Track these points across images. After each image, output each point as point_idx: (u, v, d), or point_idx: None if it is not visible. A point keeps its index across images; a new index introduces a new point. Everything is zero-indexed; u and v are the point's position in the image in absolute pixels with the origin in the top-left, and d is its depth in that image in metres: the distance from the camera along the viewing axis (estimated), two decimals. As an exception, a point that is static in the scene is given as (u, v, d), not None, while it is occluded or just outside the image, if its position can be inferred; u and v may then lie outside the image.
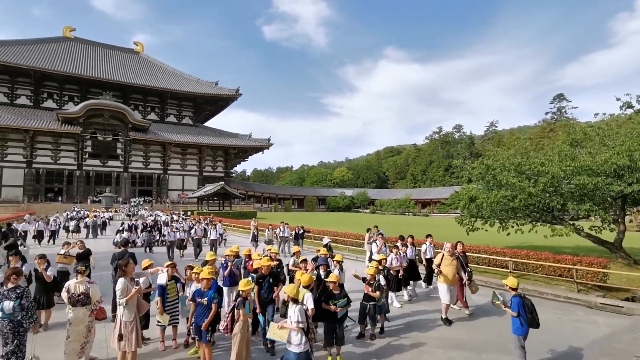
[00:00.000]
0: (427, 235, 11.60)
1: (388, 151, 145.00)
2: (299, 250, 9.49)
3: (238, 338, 5.27)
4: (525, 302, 5.57)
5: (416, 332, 7.48)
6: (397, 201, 79.11)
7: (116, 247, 16.29)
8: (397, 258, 9.43)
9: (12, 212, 41.39)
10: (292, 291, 5.03)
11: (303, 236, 19.25)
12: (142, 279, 6.61)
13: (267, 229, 19.63)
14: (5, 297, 5.08)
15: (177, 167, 65.67)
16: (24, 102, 58.08)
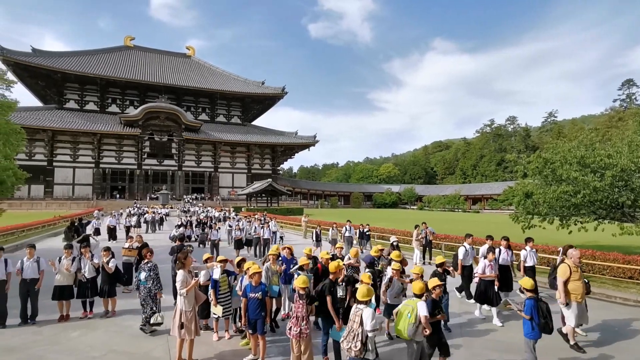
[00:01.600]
0: (527, 239, 9.53)
1: (436, 146, 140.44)
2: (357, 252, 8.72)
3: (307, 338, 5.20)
4: (539, 305, 5.27)
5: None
6: (446, 197, 76.52)
7: (173, 241, 17.28)
8: (490, 265, 7.97)
9: (83, 208, 45.43)
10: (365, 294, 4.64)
11: (368, 236, 17.95)
12: (203, 272, 6.97)
13: (332, 228, 17.94)
14: (142, 269, 7.10)
15: (227, 165, 68.22)
16: (91, 108, 63.23)
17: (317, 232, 17.28)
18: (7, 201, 28.91)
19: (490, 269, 7.95)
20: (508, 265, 8.86)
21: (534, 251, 9.47)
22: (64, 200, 51.88)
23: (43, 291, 7.89)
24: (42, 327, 7.33)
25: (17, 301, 7.50)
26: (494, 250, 8.33)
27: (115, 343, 6.53)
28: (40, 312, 7.74)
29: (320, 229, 17.79)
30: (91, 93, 63.34)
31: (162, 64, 72.47)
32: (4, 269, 7.45)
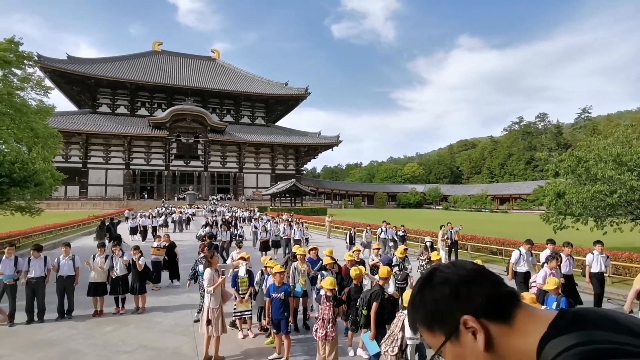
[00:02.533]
0: (596, 242, 8.65)
1: (462, 145, 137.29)
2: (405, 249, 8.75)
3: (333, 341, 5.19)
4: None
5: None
6: (472, 197, 74.71)
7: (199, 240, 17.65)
8: (552, 274, 7.07)
9: (115, 208, 47.17)
10: None
11: (405, 238, 16.89)
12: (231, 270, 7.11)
13: (365, 230, 16.90)
14: (199, 262, 7.80)
15: (252, 166, 69.15)
16: (122, 112, 65.56)
17: (351, 234, 16.47)
18: (45, 201, 30.42)
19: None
20: (571, 275, 8.05)
21: (604, 256, 8.47)
22: (97, 201, 54.08)
23: (78, 287, 8.26)
24: (77, 322, 7.68)
25: (54, 297, 7.89)
26: (558, 258, 7.39)
27: (146, 338, 6.75)
28: (76, 308, 8.11)
29: (354, 230, 16.93)
30: (122, 97, 65.67)
31: (188, 68, 74.25)
32: (43, 266, 7.86)
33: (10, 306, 7.50)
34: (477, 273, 0.78)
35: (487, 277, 0.78)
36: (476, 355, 0.72)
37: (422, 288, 0.80)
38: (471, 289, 0.75)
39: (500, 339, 0.71)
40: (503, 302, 0.74)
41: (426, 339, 0.79)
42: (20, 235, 17.05)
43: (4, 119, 12.71)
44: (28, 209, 14.74)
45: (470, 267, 0.80)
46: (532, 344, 0.68)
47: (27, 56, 14.34)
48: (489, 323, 0.72)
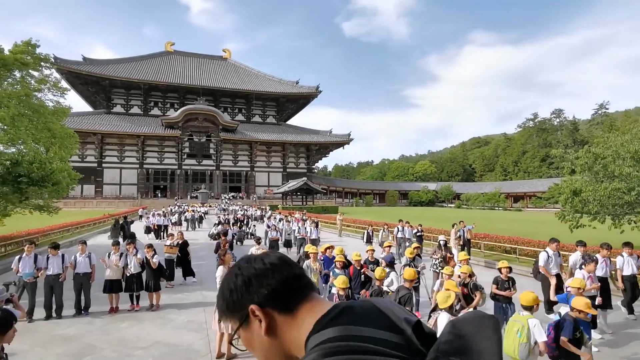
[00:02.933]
0: (625, 243, 8.23)
1: (474, 142, 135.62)
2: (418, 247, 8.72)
3: None
4: None
5: None
6: (485, 195, 73.74)
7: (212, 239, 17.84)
8: (590, 277, 6.63)
9: (129, 207, 47.96)
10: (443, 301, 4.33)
11: (422, 238, 16.42)
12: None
13: (382, 229, 16.45)
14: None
15: (263, 165, 69.48)
16: (136, 112, 66.51)
17: (369, 232, 16.20)
18: (62, 200, 31.09)
19: (590, 283, 6.59)
20: (606, 278, 7.67)
21: (635, 257, 8.09)
22: (112, 199, 55.05)
23: (94, 284, 8.44)
24: (94, 318, 7.85)
25: (72, 294, 8.07)
26: (594, 260, 7.00)
27: (160, 335, 6.87)
28: (93, 304, 8.29)
29: (371, 229, 16.62)
30: (135, 97, 66.60)
31: (200, 67, 74.88)
32: (61, 263, 8.05)
33: (29, 303, 7.70)
34: (272, 266, 0.85)
35: (281, 271, 0.85)
36: (260, 340, 0.80)
37: (224, 280, 0.88)
38: (260, 280, 0.83)
39: (282, 328, 0.79)
40: (287, 295, 0.82)
41: (230, 325, 0.86)
42: (38, 234, 17.48)
43: (23, 120, 13.00)
44: (46, 208, 15.08)
45: (270, 260, 0.87)
46: (303, 336, 0.74)
47: (44, 58, 14.64)
48: (275, 312, 0.80)
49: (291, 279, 0.85)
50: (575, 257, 7.81)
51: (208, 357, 5.94)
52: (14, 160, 12.85)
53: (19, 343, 6.30)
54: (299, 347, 0.76)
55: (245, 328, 0.83)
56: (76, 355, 5.99)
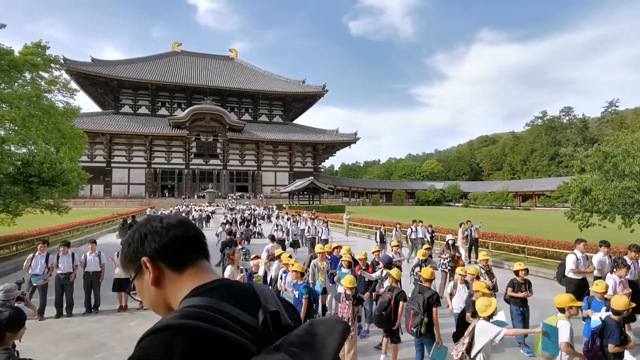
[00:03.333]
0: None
1: (482, 141, 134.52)
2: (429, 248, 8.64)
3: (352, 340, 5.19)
4: None
5: None
6: (493, 194, 73.16)
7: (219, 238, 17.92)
8: (622, 282, 6.28)
9: (137, 207, 48.39)
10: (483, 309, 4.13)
11: (432, 239, 16.07)
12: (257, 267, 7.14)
13: (395, 229, 15.75)
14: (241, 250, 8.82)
15: (270, 164, 69.65)
16: (144, 112, 67.06)
17: (381, 232, 15.44)
18: (72, 200, 31.48)
19: (622, 289, 6.19)
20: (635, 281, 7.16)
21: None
22: (120, 199, 55.59)
23: (104, 283, 8.54)
24: (104, 316, 7.95)
25: (82, 292, 8.18)
26: (625, 264, 6.47)
27: (168, 333, 6.92)
28: (102, 303, 8.39)
29: (384, 229, 15.88)
30: (143, 98, 67.15)
31: (207, 67, 75.25)
32: (71, 262, 8.15)
33: (40, 301, 7.82)
34: (168, 226, 0.94)
35: (175, 230, 0.94)
36: (148, 289, 0.92)
37: (127, 235, 0.98)
38: (154, 236, 0.92)
39: (167, 282, 0.91)
40: (176, 253, 0.92)
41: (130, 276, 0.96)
42: (49, 233, 17.71)
43: (33, 120, 13.19)
44: (56, 207, 15.27)
45: (169, 220, 0.97)
46: (182, 296, 0.86)
47: (54, 60, 14.82)
48: (164, 266, 0.91)
49: (182, 240, 0.95)
50: (599, 258, 7.38)
51: (216, 355, 5.98)
52: (25, 160, 13.04)
53: (30, 341, 6.41)
54: (176, 304, 0.87)
55: (138, 278, 0.94)
56: (86, 353, 6.07)
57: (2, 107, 12.55)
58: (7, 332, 2.38)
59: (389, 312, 5.31)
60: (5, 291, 4.58)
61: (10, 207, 13.17)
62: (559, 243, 13.27)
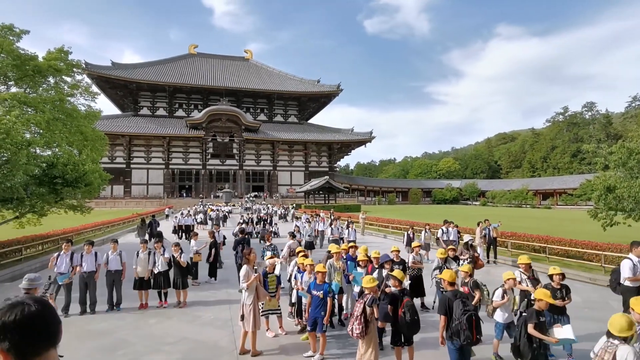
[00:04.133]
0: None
1: (500, 138, 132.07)
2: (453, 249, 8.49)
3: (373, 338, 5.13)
4: None
5: None
6: (512, 192, 71.67)
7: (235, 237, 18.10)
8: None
9: (156, 206, 49.34)
10: (625, 328, 3.32)
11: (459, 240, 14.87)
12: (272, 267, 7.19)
13: (424, 230, 14.82)
14: (267, 249, 9.20)
15: (285, 164, 69.99)
16: (161, 113, 68.32)
17: (410, 235, 14.12)
18: (94, 200, 32.33)
19: None
20: None
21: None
22: (140, 199, 56.80)
23: (125, 281, 8.76)
24: (125, 314, 8.15)
25: (104, 290, 8.41)
26: None
27: (187, 331, 7.06)
28: (124, 300, 8.61)
29: (412, 231, 14.63)
30: (161, 99, 68.41)
31: (222, 68, 76.09)
32: (94, 261, 8.39)
33: (65, 298, 8.08)
34: (19, 324, 1.14)
35: (24, 330, 1.13)
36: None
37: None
38: (5, 333, 1.12)
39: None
40: (24, 350, 1.12)
41: None
42: (73, 232, 18.26)
43: (57, 124, 13.60)
44: (79, 208, 15.71)
45: (24, 314, 1.16)
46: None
47: (76, 64, 15.25)
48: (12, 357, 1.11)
49: (31, 338, 1.12)
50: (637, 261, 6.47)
51: (234, 353, 6.07)
52: (50, 162, 13.48)
53: (56, 337, 6.62)
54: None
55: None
56: (109, 349, 6.24)
57: (27, 111, 12.97)
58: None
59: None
60: (29, 280, 4.79)
61: (36, 208, 13.63)
62: (581, 242, 12.93)
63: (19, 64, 13.35)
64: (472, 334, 4.54)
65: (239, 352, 6.03)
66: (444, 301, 4.90)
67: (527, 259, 6.62)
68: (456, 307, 4.69)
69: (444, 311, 4.82)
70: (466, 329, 4.53)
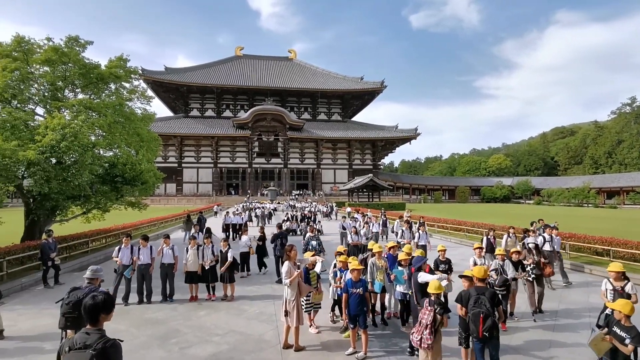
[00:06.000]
0: None
1: (557, 132, 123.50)
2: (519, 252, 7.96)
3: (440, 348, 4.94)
4: None
5: None
6: (571, 190, 66.80)
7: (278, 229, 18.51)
8: None
9: (205, 204, 51.62)
10: None
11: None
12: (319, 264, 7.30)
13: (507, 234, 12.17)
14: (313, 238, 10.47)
15: (329, 162, 70.31)
16: (210, 114, 71.28)
17: (490, 239, 11.49)
18: (149, 198, 34.52)
19: None
20: None
21: None
22: (190, 197, 59.78)
23: (177, 274, 9.29)
24: (177, 305, 8.64)
25: (159, 282, 8.98)
26: None
27: (234, 324, 7.35)
28: (176, 292, 9.13)
29: (493, 235, 11.91)
30: (209, 101, 71.37)
31: (267, 69, 77.82)
32: (150, 254, 8.98)
33: (125, 288, 8.74)
34: None
35: None
36: None
37: None
38: None
39: None
40: None
41: None
42: (131, 227, 19.64)
43: (117, 126, 14.67)
44: (137, 204, 16.87)
45: None
46: None
47: (133, 71, 16.35)
48: None
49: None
50: None
51: (277, 347, 6.23)
52: (111, 162, 14.60)
53: (117, 323, 7.18)
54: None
55: None
56: (163, 337, 6.66)
57: (92, 115, 14.10)
58: (101, 314, 2.72)
59: None
60: (93, 271, 5.25)
61: (100, 204, 14.82)
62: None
63: (84, 73, 14.56)
64: (477, 329, 4.76)
65: (282, 346, 6.18)
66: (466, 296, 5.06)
67: (619, 267, 5.61)
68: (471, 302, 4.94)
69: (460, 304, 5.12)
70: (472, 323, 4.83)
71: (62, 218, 15.19)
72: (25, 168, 12.08)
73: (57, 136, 11.66)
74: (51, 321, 7.32)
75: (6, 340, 6.63)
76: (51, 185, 11.91)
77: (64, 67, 14.45)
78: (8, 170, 11.16)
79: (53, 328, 6.87)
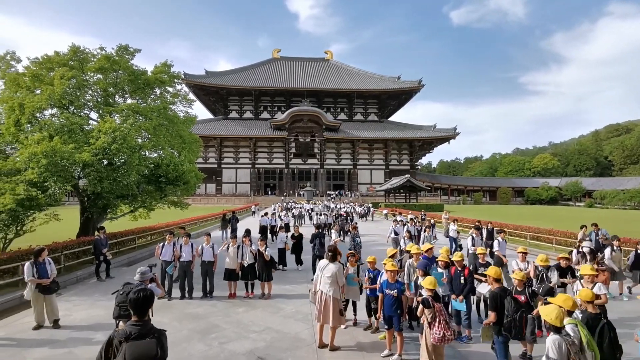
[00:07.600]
0: None
1: (612, 130, 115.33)
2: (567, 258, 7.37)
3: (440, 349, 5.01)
4: None
5: None
6: (627, 192, 62.14)
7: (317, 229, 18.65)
8: None
9: (244, 204, 52.95)
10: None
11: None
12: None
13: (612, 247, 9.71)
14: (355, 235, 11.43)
15: (365, 162, 69.89)
16: (248, 116, 73.09)
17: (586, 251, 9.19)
18: (191, 197, 35.93)
19: None
20: None
21: None
22: (229, 197, 61.59)
23: (217, 272, 9.62)
24: (217, 301, 8.95)
25: (200, 279, 9.35)
26: None
27: (271, 322, 7.50)
28: (216, 289, 9.46)
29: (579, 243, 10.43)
30: (248, 103, 73.20)
31: (304, 70, 78.61)
32: (191, 251, 9.36)
33: (168, 284, 9.18)
34: None
35: None
36: None
37: None
38: None
39: None
40: None
41: None
42: (174, 225, 20.54)
43: (161, 129, 15.41)
44: (179, 204, 17.62)
45: None
46: None
47: (176, 76, 17.11)
48: None
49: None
50: None
51: (313, 346, 6.29)
52: (156, 163, 15.37)
53: (161, 317, 7.56)
54: None
55: None
56: (203, 332, 6.93)
57: (139, 119, 14.90)
58: (149, 307, 3.02)
59: None
60: (141, 273, 5.58)
61: (146, 203, 15.65)
62: None
63: (133, 79, 15.44)
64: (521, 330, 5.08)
65: (317, 345, 6.24)
66: (495, 298, 5.18)
67: None
68: (508, 304, 5.08)
69: (494, 307, 5.14)
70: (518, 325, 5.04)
71: (113, 216, 16.19)
72: (80, 169, 13.01)
73: (108, 139, 12.46)
74: (103, 312, 7.84)
75: (61, 329, 7.14)
76: (103, 185, 12.73)
77: (115, 74, 15.39)
78: (66, 171, 12.05)
79: (105, 319, 7.36)
